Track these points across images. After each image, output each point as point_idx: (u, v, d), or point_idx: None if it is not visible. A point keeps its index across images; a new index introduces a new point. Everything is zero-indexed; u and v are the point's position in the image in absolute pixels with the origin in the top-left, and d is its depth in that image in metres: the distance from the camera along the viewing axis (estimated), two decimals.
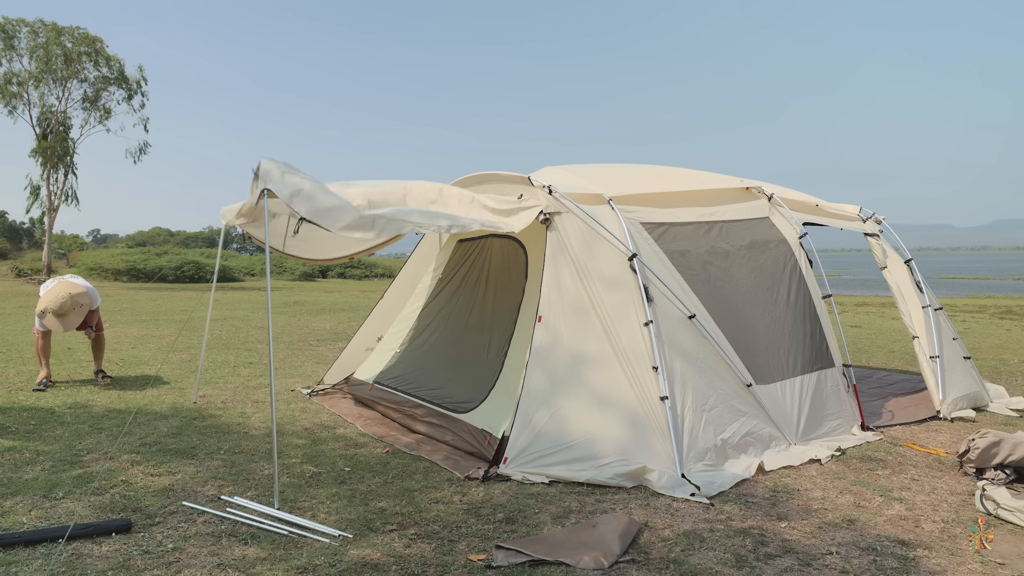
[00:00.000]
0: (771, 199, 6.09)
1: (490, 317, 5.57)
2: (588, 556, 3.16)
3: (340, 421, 5.82)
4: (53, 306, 6.65)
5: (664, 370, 4.48)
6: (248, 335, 11.64)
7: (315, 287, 30.31)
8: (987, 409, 6.36)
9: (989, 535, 3.48)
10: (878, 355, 9.84)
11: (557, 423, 4.39)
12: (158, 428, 5.42)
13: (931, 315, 6.41)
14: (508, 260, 5.55)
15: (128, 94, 29.39)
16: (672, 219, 5.40)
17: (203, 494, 3.99)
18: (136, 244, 48.74)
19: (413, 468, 4.55)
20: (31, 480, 4.15)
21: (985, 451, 4.35)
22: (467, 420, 4.99)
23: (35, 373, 7.57)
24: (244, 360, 8.88)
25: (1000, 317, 15.70)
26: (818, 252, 6.00)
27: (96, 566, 3.07)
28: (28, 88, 27.69)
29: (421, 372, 5.94)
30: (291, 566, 3.09)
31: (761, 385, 4.97)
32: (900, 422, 5.82)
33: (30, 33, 27.16)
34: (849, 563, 3.20)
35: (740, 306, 5.22)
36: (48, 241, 29.65)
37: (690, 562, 3.19)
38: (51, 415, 5.75)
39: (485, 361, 5.31)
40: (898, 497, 4.09)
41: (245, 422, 5.68)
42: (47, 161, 28.49)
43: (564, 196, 5.00)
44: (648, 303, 4.65)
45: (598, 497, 4.02)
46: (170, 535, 3.41)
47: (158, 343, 10.37)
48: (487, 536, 3.46)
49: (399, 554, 3.24)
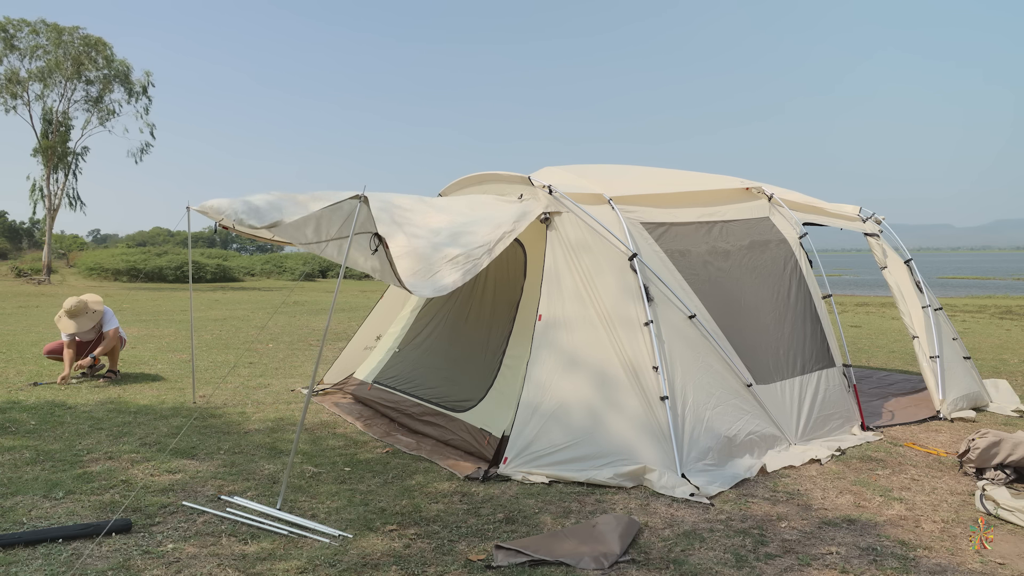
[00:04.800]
0: (771, 199, 6.09)
1: (488, 316, 5.57)
2: (588, 556, 3.16)
3: (340, 421, 5.82)
4: (66, 307, 7.26)
5: (664, 370, 4.48)
6: (248, 335, 11.64)
7: (315, 287, 30.31)
8: (987, 409, 6.37)
9: (989, 535, 3.48)
10: (878, 355, 9.84)
11: (557, 423, 4.39)
12: (158, 428, 5.42)
13: (931, 315, 6.41)
14: (507, 259, 5.55)
15: (130, 95, 29.39)
16: (672, 219, 5.40)
17: (203, 494, 3.99)
18: (136, 244, 48.74)
19: (413, 468, 4.55)
20: (31, 480, 4.15)
21: (985, 451, 4.35)
22: (465, 419, 4.99)
23: (34, 373, 7.58)
24: (244, 360, 8.88)
25: (1000, 317, 15.70)
26: (818, 252, 6.00)
27: (96, 566, 3.07)
28: (28, 88, 27.70)
29: (420, 371, 5.94)
30: (291, 566, 3.09)
31: (761, 385, 4.97)
32: (900, 422, 5.82)
33: (31, 33, 27.17)
34: (849, 563, 3.20)
35: (740, 306, 5.22)
36: (48, 241, 29.63)
37: (690, 562, 3.19)
38: (51, 415, 5.75)
39: (483, 360, 5.31)
40: (898, 497, 4.09)
41: (245, 422, 5.68)
42: (48, 161, 28.49)
43: (564, 196, 5.00)
44: (648, 303, 4.65)
45: (598, 497, 4.02)
46: (170, 535, 3.41)
47: (158, 343, 10.37)
48: (487, 536, 3.46)
49: (399, 554, 3.24)
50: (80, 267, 32.69)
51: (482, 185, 5.74)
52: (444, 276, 4.01)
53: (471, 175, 5.91)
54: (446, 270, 4.05)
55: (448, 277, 4.01)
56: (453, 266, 4.08)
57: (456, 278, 4.03)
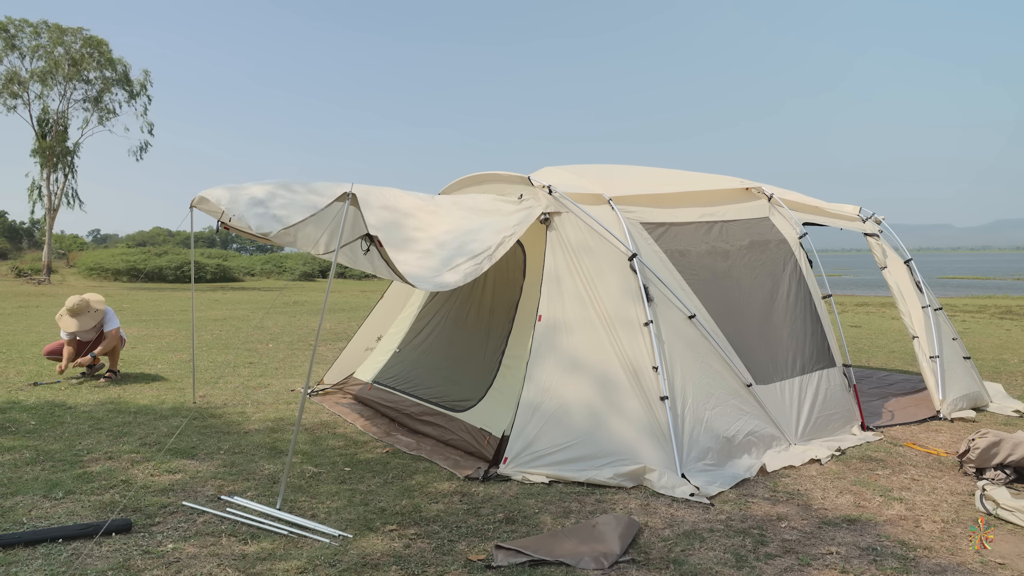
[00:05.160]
0: (771, 199, 6.09)
1: (488, 316, 5.57)
2: (588, 556, 3.16)
3: (340, 421, 5.82)
4: (69, 305, 7.24)
5: (664, 370, 4.48)
6: (248, 335, 11.64)
7: (315, 287, 30.31)
8: (987, 409, 6.37)
9: (989, 535, 3.48)
10: (878, 355, 9.84)
11: (557, 423, 4.39)
12: (158, 428, 5.42)
13: (931, 315, 6.41)
14: (507, 258, 5.55)
15: (130, 95, 29.40)
16: (672, 219, 5.40)
17: (203, 494, 3.99)
18: (136, 244, 48.74)
19: (413, 468, 4.55)
20: (31, 480, 4.15)
21: (985, 451, 4.35)
22: (465, 419, 4.99)
23: (34, 373, 7.58)
24: (244, 360, 8.88)
25: (1000, 317, 15.70)
26: (818, 252, 6.00)
27: (96, 566, 3.07)
28: (28, 88, 27.70)
29: (419, 371, 5.94)
30: (291, 566, 3.09)
31: (761, 385, 4.97)
32: (900, 422, 5.82)
33: (32, 33, 27.17)
34: (849, 563, 3.20)
35: (740, 306, 5.22)
36: (48, 241, 29.63)
37: (690, 562, 3.19)
38: (51, 415, 5.75)
39: (483, 359, 5.31)
40: (898, 497, 4.09)
41: (245, 422, 5.68)
42: (47, 161, 28.49)
43: (564, 196, 5.00)
44: (648, 303, 4.65)
45: (598, 497, 4.02)
46: (170, 535, 3.41)
47: (158, 343, 10.37)
48: (487, 536, 3.46)
49: (399, 554, 3.24)
50: (80, 267, 32.68)
51: (482, 185, 5.74)
52: (447, 277, 4.12)
53: (471, 175, 5.91)
54: (448, 273, 4.14)
55: (450, 277, 4.12)
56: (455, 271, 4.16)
57: (458, 278, 4.12)
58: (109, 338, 7.29)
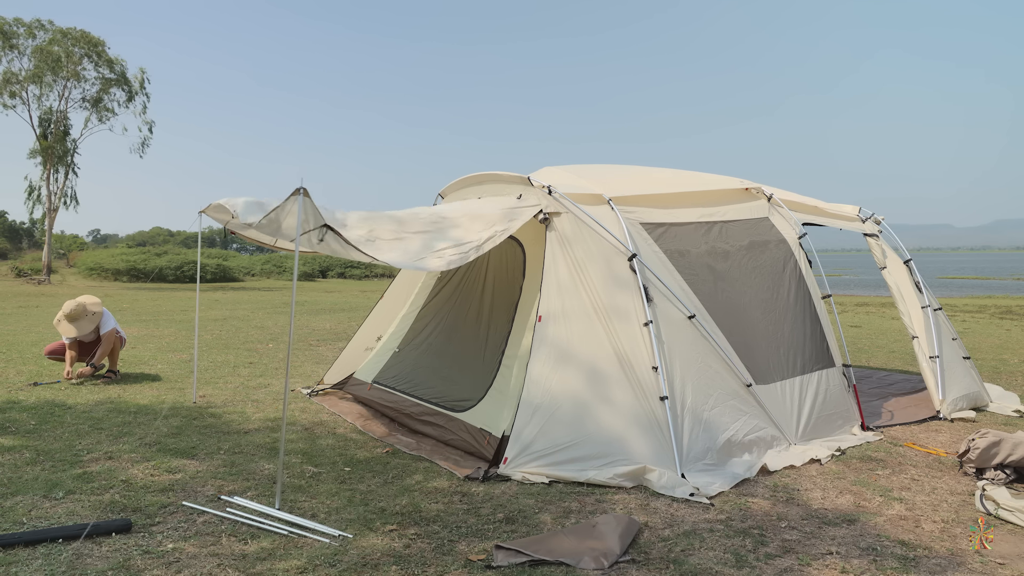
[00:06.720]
0: (770, 199, 6.09)
1: (487, 316, 5.57)
2: (588, 556, 3.16)
3: (340, 421, 5.82)
4: (66, 311, 7.21)
5: (664, 370, 4.48)
6: (248, 335, 11.64)
7: (315, 287, 30.31)
8: (987, 409, 6.37)
9: (989, 535, 3.48)
10: (878, 355, 9.84)
11: (557, 423, 4.39)
12: (158, 428, 5.42)
13: (930, 315, 6.41)
14: (506, 259, 5.55)
15: (129, 95, 29.39)
16: (672, 219, 5.40)
17: (203, 494, 3.99)
18: (136, 244, 48.76)
19: (413, 468, 4.55)
20: (31, 480, 4.15)
21: (985, 451, 4.35)
22: (465, 419, 4.99)
23: (34, 373, 7.59)
24: (244, 360, 8.88)
25: (1000, 317, 15.70)
26: (818, 252, 6.00)
27: (96, 566, 3.07)
28: (27, 88, 27.70)
29: (419, 371, 5.94)
30: (291, 566, 3.09)
31: (761, 385, 4.97)
32: (900, 422, 5.82)
33: (28, 34, 27.16)
34: (849, 563, 3.20)
35: (740, 306, 5.22)
36: (48, 241, 29.64)
37: (690, 562, 3.19)
38: (51, 415, 5.75)
39: (482, 360, 5.31)
40: (898, 497, 4.09)
41: (245, 422, 5.68)
42: (47, 161, 28.50)
43: (564, 196, 5.00)
44: (648, 303, 4.65)
45: (598, 497, 4.02)
46: (170, 535, 3.41)
47: (158, 343, 10.37)
48: (487, 536, 3.46)
49: (399, 554, 3.24)
50: (80, 267, 32.69)
51: (481, 185, 5.74)
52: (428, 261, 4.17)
53: (470, 175, 5.91)
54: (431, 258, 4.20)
55: (432, 262, 4.17)
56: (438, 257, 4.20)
57: (440, 264, 4.17)
58: (105, 340, 7.29)
